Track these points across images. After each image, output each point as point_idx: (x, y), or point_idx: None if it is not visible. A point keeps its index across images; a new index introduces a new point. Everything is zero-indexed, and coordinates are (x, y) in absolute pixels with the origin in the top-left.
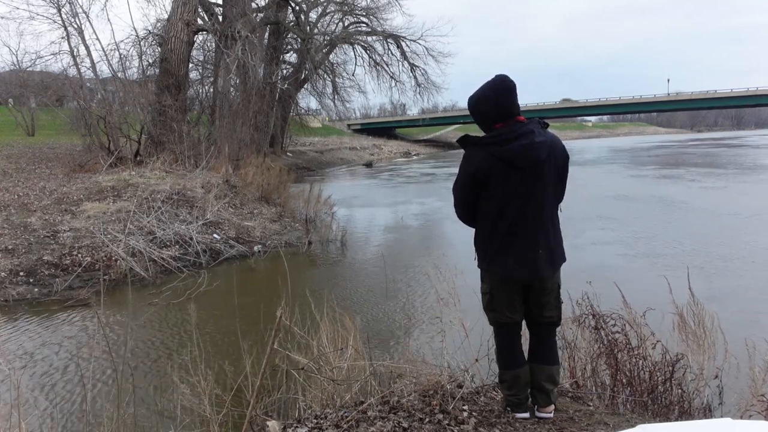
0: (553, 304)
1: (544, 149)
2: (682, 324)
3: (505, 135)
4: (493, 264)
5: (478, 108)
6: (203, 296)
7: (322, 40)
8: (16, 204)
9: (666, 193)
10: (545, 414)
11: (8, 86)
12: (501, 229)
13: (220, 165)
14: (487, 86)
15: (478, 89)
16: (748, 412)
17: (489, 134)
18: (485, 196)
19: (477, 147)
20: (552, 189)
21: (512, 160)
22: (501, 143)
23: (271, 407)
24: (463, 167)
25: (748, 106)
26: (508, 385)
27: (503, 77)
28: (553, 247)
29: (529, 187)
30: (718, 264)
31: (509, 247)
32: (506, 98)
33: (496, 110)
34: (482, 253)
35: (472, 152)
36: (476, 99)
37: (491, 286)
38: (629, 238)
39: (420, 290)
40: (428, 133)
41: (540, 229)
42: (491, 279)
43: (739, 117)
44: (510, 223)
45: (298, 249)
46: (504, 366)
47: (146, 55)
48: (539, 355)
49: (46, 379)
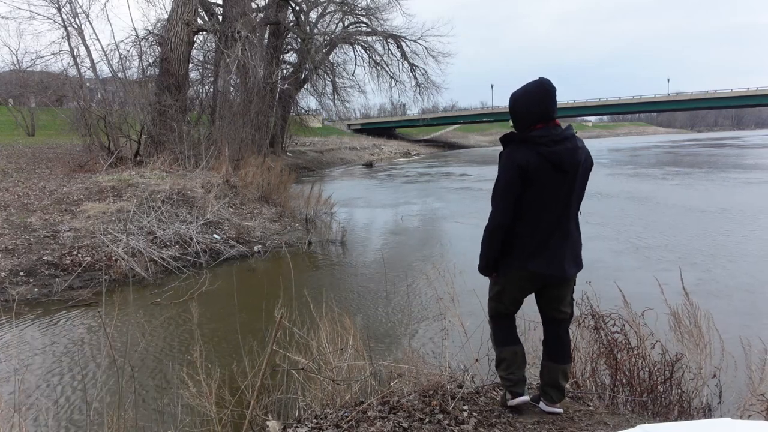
0: (569, 300)
1: (583, 154)
2: (678, 323)
3: (552, 136)
4: (527, 261)
5: (523, 106)
6: (203, 296)
7: (322, 40)
8: (16, 204)
9: (637, 190)
10: (557, 409)
11: (8, 86)
12: (541, 228)
13: (220, 165)
14: (533, 86)
15: (522, 88)
16: (748, 411)
17: (537, 133)
18: (528, 196)
19: (525, 144)
20: (580, 193)
21: (561, 162)
22: (549, 144)
23: (271, 407)
24: (507, 163)
25: (748, 106)
26: (507, 364)
27: (547, 80)
28: (578, 248)
29: (567, 189)
30: (695, 259)
31: (546, 248)
32: (550, 100)
33: (540, 111)
34: (517, 251)
35: (520, 149)
36: (522, 97)
37: (510, 281)
38: (611, 232)
39: (420, 290)
40: (428, 133)
41: (571, 230)
42: (515, 275)
43: (739, 117)
44: (549, 223)
45: (298, 249)
46: (503, 343)
47: (146, 55)
48: (557, 354)
49: (47, 379)
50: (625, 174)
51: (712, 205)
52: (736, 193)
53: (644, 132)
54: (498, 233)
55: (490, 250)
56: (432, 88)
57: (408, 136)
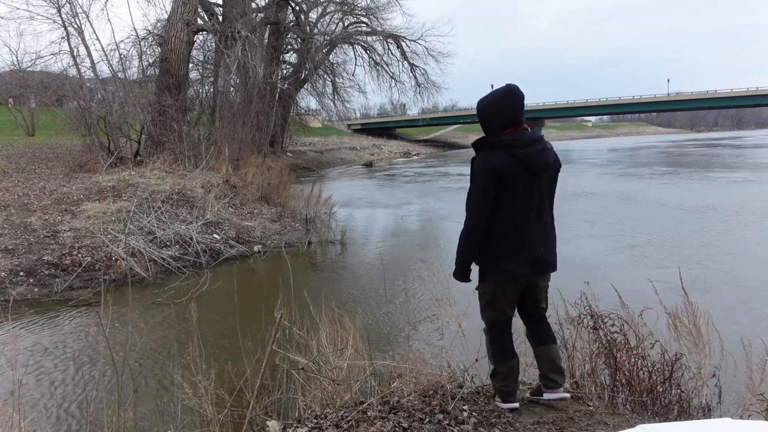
0: (545, 296)
1: (551, 155)
2: (677, 323)
3: (522, 139)
4: (505, 263)
5: (491, 111)
6: (203, 296)
7: (322, 40)
8: (16, 204)
9: (625, 189)
10: (563, 394)
11: (8, 86)
12: (516, 229)
13: (220, 165)
14: (502, 92)
15: (491, 94)
16: (747, 411)
17: (508, 137)
18: (503, 198)
19: (498, 149)
20: (551, 193)
21: (533, 164)
22: (521, 146)
23: (271, 407)
24: (482, 167)
25: (748, 106)
26: (503, 377)
27: (515, 87)
28: (554, 245)
29: (540, 189)
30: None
31: (523, 247)
32: (519, 105)
33: (508, 115)
34: (495, 253)
35: (493, 153)
36: (490, 103)
37: (497, 285)
38: (599, 229)
39: (419, 291)
40: (428, 133)
41: (546, 229)
42: (499, 278)
43: (739, 117)
44: (524, 223)
45: (298, 249)
46: (501, 359)
47: (146, 55)
48: (543, 337)
49: (47, 379)
50: (616, 173)
51: (700, 203)
52: (720, 193)
53: (644, 132)
54: (474, 237)
55: (465, 254)
56: (432, 88)
57: (408, 136)
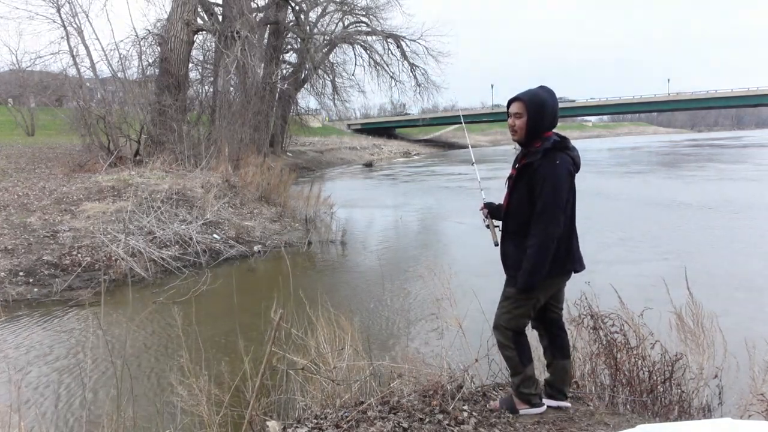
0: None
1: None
2: (680, 323)
3: (568, 142)
4: (565, 264)
5: (548, 110)
6: (203, 296)
7: (322, 40)
8: (16, 204)
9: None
10: (566, 403)
11: (8, 86)
12: (570, 230)
13: (220, 165)
14: (549, 95)
15: (543, 92)
16: (748, 411)
17: (564, 140)
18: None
19: (563, 152)
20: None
21: (578, 166)
22: (572, 149)
23: (271, 407)
24: (558, 170)
25: (748, 106)
26: (531, 381)
27: (552, 91)
28: None
29: (575, 191)
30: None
31: (571, 246)
32: (558, 110)
33: (557, 118)
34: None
35: (560, 155)
36: (546, 102)
37: (542, 290)
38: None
39: (419, 291)
40: (428, 133)
41: (575, 228)
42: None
43: (739, 117)
44: (573, 225)
45: (298, 249)
46: (529, 362)
47: (146, 55)
48: (567, 351)
49: (46, 379)
50: (610, 173)
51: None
52: (696, 190)
53: (644, 132)
54: (554, 245)
55: (547, 263)
56: (432, 87)
57: (408, 136)
